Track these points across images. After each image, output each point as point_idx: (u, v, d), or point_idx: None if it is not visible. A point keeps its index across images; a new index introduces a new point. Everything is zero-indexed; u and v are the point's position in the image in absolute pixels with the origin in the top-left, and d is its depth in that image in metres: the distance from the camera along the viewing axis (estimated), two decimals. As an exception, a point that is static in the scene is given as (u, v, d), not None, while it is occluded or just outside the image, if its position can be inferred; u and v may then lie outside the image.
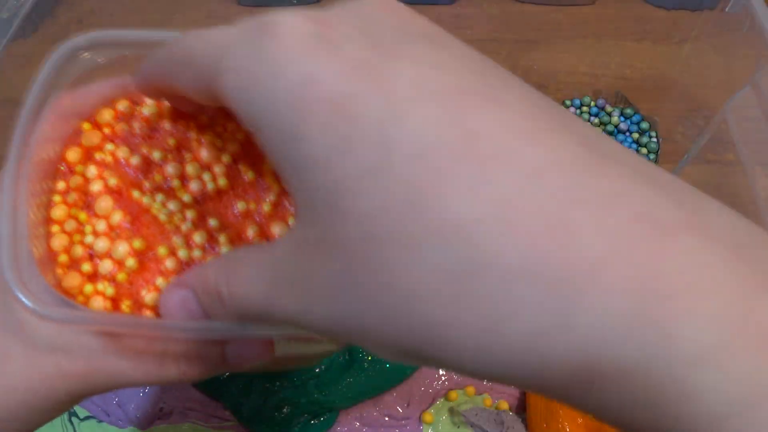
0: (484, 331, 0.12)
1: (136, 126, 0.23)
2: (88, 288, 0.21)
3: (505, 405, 0.42)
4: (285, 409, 0.41)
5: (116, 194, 0.22)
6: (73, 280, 0.21)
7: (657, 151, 0.53)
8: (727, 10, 0.43)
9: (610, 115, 0.54)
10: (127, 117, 0.23)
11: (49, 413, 0.21)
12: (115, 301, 0.21)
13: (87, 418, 0.42)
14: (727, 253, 0.11)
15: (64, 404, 0.21)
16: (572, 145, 0.12)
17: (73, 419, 0.42)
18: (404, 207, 0.12)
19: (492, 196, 0.12)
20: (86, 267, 0.21)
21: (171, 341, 0.21)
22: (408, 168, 0.12)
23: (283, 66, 0.13)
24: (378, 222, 0.12)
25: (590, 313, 0.11)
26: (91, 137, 0.22)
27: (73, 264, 0.21)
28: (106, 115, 0.23)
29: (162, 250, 0.21)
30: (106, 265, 0.21)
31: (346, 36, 0.14)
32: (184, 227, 0.22)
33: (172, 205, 0.22)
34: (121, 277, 0.21)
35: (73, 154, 0.22)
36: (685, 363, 0.11)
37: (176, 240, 0.21)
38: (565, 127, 0.13)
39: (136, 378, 0.21)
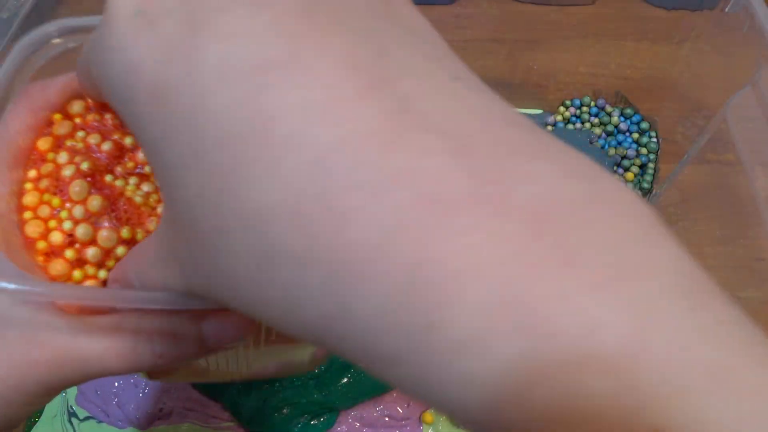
0: (286, 313, 0.12)
1: (108, 117, 0.22)
2: (78, 274, 0.20)
3: (505, 405, 0.42)
4: (285, 410, 0.40)
5: (89, 178, 0.22)
6: (59, 266, 0.20)
7: (657, 151, 0.53)
8: (727, 10, 0.43)
9: (610, 115, 0.54)
10: (98, 107, 0.22)
11: (22, 407, 0.20)
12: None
13: (87, 418, 0.42)
14: (520, 228, 0.11)
15: (37, 397, 0.20)
16: (377, 116, 0.11)
17: (73, 420, 0.42)
18: (215, 196, 0.12)
19: (281, 182, 0.11)
20: (69, 254, 0.21)
21: (144, 321, 0.20)
22: (216, 157, 0.12)
23: (111, 54, 0.14)
24: (198, 211, 0.13)
25: (366, 304, 0.11)
26: (63, 126, 0.22)
27: (55, 251, 0.21)
28: (77, 106, 0.22)
29: (140, 235, 0.21)
30: (93, 252, 0.21)
31: (166, 9, 0.13)
32: (159, 209, 0.22)
33: (146, 187, 0.22)
34: (111, 264, 0.21)
35: (44, 143, 0.22)
36: (447, 351, 0.11)
37: (150, 223, 0.21)
38: (381, 88, 0.12)
39: (109, 364, 0.20)
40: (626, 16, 0.52)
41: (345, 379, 0.41)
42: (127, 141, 0.22)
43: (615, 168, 0.52)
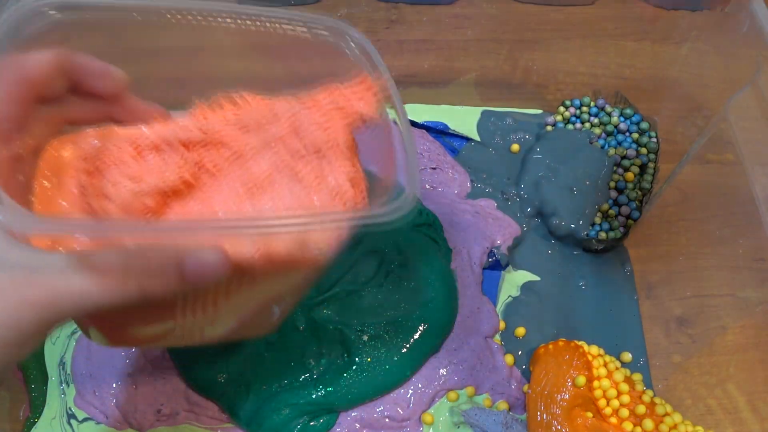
0: None
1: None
2: None
3: (505, 405, 0.42)
4: (283, 411, 0.40)
5: None
6: None
7: (657, 151, 0.53)
8: (726, 10, 0.43)
9: (609, 115, 0.54)
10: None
11: (20, 347, 0.22)
12: None
13: (85, 419, 0.42)
14: None
15: (34, 335, 0.22)
16: None
17: (72, 421, 0.42)
18: None
19: None
20: None
21: (133, 259, 0.21)
22: None
23: None
24: None
25: None
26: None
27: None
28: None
29: None
30: None
31: None
32: None
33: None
34: None
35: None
36: None
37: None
38: None
39: (100, 297, 0.21)
40: (626, 16, 0.52)
41: (345, 380, 0.41)
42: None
43: (615, 168, 0.52)
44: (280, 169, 0.25)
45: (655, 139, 0.53)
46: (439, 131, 0.55)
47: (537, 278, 0.48)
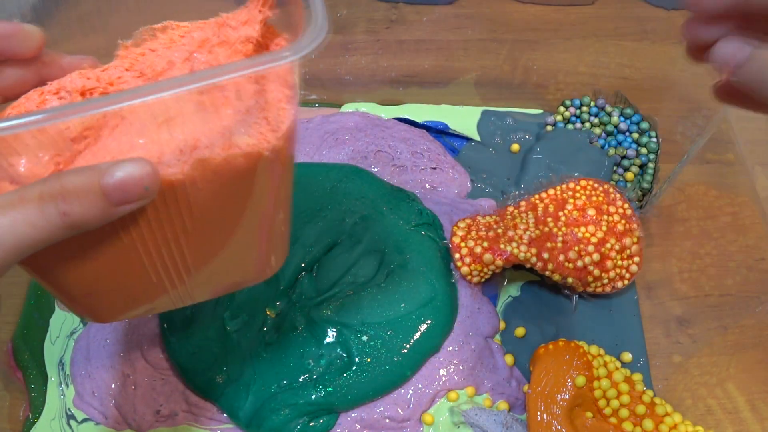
0: None
1: None
2: None
3: (505, 405, 0.42)
4: (283, 412, 0.40)
5: None
6: None
7: (657, 151, 0.53)
8: (727, 9, 0.43)
9: (609, 115, 0.54)
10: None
11: None
12: None
13: (85, 420, 0.42)
14: None
15: None
16: None
17: (72, 422, 0.42)
18: None
19: None
20: None
21: (45, 185, 0.20)
22: None
23: None
24: None
25: None
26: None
27: None
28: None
29: None
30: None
31: None
32: None
33: None
34: None
35: None
36: None
37: None
38: None
39: (24, 233, 0.20)
40: (626, 16, 0.52)
41: (344, 381, 0.41)
42: None
43: (615, 168, 0.52)
44: (186, 101, 0.24)
45: (655, 139, 0.53)
46: (439, 131, 0.55)
47: (537, 278, 0.48)
